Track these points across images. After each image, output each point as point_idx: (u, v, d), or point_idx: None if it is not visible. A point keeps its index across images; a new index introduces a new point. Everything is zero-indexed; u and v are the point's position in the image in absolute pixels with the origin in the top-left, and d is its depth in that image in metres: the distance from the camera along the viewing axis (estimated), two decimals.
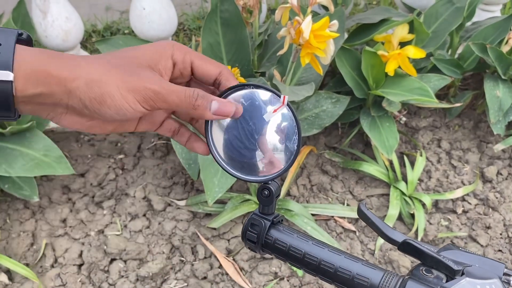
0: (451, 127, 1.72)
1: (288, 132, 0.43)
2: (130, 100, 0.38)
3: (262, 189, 0.43)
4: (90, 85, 0.37)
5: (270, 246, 0.42)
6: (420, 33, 1.44)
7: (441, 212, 1.49)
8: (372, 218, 0.45)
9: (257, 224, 0.42)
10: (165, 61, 0.42)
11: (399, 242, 0.42)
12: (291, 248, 0.41)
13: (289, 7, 1.14)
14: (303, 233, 0.42)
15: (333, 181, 1.56)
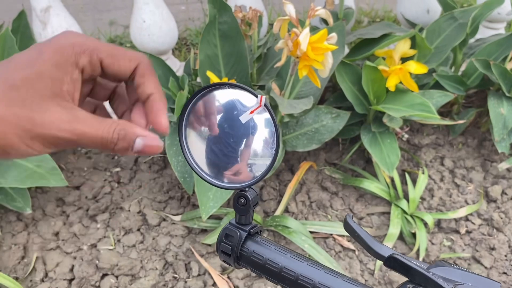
0: (455, 145, 1.69)
1: (267, 135, 0.40)
2: (36, 146, 0.33)
3: (238, 197, 0.40)
4: None
5: (245, 259, 0.39)
6: (422, 49, 1.42)
7: (444, 232, 1.45)
8: (359, 231, 0.42)
9: (232, 235, 0.39)
10: (70, 75, 0.34)
11: (385, 257, 0.39)
12: (268, 262, 0.38)
13: (288, 20, 1.13)
14: (282, 246, 0.39)
15: (333, 198, 1.53)
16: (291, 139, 1.40)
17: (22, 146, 0.33)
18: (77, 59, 0.34)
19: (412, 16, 1.69)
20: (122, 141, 0.35)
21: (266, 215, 1.47)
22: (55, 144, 0.33)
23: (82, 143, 0.34)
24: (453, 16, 1.49)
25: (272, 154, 0.39)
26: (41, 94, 0.33)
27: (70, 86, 0.35)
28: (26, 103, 0.32)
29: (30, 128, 0.32)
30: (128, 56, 0.36)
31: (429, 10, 1.68)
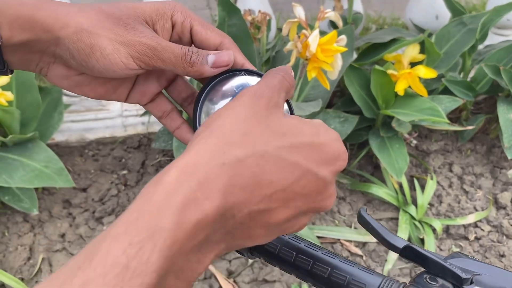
0: (463, 151, 1.67)
1: None
2: (123, 54, 0.35)
3: None
4: (80, 35, 0.35)
5: (259, 249, 0.38)
6: (431, 54, 1.42)
7: (452, 238, 1.43)
8: (373, 224, 0.42)
9: None
10: (164, 21, 0.38)
11: (401, 248, 0.38)
12: (282, 250, 0.37)
13: (297, 22, 1.13)
14: (295, 235, 0.38)
15: (341, 203, 1.52)
16: None
17: (109, 47, 0.35)
18: (173, 13, 0.38)
19: (421, 21, 1.69)
20: (197, 54, 0.37)
21: None
22: (140, 54, 0.35)
23: (165, 56, 0.36)
24: (463, 21, 1.49)
25: None
26: (135, 17, 0.37)
27: (160, 30, 0.38)
28: (120, 20, 0.36)
29: (121, 33, 0.35)
30: (216, 30, 0.39)
31: (438, 16, 1.68)
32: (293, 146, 0.31)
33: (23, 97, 1.32)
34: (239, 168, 0.29)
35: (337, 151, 0.33)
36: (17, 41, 0.35)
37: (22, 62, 0.37)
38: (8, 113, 1.23)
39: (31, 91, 1.31)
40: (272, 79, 0.34)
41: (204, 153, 0.28)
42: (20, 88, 1.32)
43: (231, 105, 0.32)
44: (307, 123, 0.33)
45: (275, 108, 0.32)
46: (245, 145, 0.29)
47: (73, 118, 1.67)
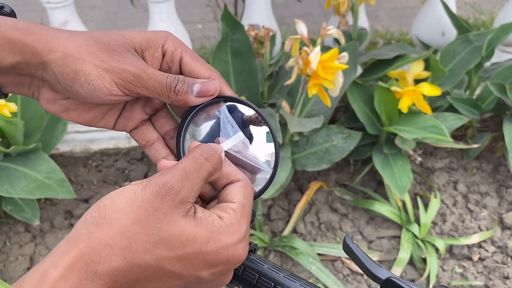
0: (469, 170, 1.65)
1: (264, 151, 0.39)
2: (107, 80, 0.35)
3: None
4: (65, 60, 0.35)
5: (237, 278, 0.38)
6: (436, 71, 1.40)
7: (456, 258, 1.41)
8: (357, 253, 0.41)
9: None
10: (154, 50, 0.39)
11: (383, 279, 0.37)
12: (260, 280, 0.36)
13: (299, 38, 1.13)
14: (276, 264, 0.38)
15: (343, 220, 1.50)
16: (300, 158, 1.39)
17: (93, 73, 0.35)
18: (165, 42, 0.38)
19: (427, 38, 1.68)
20: (182, 83, 0.37)
21: (274, 235, 1.45)
22: (124, 81, 0.36)
23: (149, 84, 0.36)
24: (468, 39, 1.47)
25: (270, 172, 0.38)
26: (124, 44, 0.37)
27: (150, 58, 0.38)
28: (108, 47, 0.36)
29: (106, 60, 0.36)
30: (205, 64, 0.39)
31: (444, 33, 1.67)
32: (176, 257, 0.31)
33: (27, 108, 1.33)
34: (113, 277, 0.30)
35: (224, 258, 0.33)
36: (7, 64, 0.36)
37: (14, 85, 0.38)
38: (12, 124, 1.25)
39: (35, 102, 1.32)
40: (191, 166, 0.33)
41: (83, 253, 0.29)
42: (24, 99, 1.33)
43: (131, 195, 0.31)
44: (203, 229, 0.32)
45: (178, 208, 0.32)
46: (124, 253, 0.30)
47: (77, 129, 1.68)
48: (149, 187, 0.32)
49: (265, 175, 0.39)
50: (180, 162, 0.34)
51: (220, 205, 0.35)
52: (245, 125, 0.40)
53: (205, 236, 0.32)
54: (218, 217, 0.33)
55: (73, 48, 0.36)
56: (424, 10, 1.72)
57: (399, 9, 2.86)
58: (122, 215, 0.31)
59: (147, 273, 0.31)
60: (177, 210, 0.32)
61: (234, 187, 0.36)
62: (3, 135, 1.28)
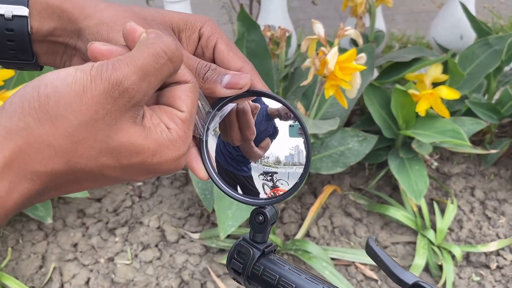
0: (486, 176, 1.62)
1: (295, 149, 0.38)
2: None
3: (256, 214, 0.38)
4: (99, 28, 0.35)
5: (256, 278, 0.36)
6: (455, 74, 1.38)
7: (473, 266, 1.38)
8: (381, 256, 0.39)
9: (244, 252, 0.37)
10: (190, 31, 0.37)
11: (409, 284, 0.35)
12: (281, 281, 0.35)
13: (316, 39, 1.11)
14: (297, 266, 0.36)
15: (357, 224, 1.48)
16: (315, 161, 1.37)
17: None
18: (202, 26, 0.37)
19: (445, 41, 1.66)
20: (213, 71, 0.35)
21: (286, 238, 1.43)
22: None
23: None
24: (488, 42, 1.45)
25: (300, 173, 0.37)
26: (162, 21, 0.36)
27: (185, 39, 0.37)
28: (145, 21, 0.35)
29: None
30: (240, 54, 0.38)
31: (463, 36, 1.65)
32: (120, 166, 0.30)
33: None
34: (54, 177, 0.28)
35: (165, 169, 0.32)
36: (45, 30, 0.35)
37: (49, 54, 0.38)
38: None
39: None
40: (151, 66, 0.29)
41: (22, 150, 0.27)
42: None
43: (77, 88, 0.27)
44: (151, 142, 0.30)
45: (129, 113, 0.29)
46: (69, 157, 0.28)
47: None
48: (100, 82, 0.27)
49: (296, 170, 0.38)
50: (137, 55, 0.29)
51: (167, 110, 0.32)
52: (269, 118, 0.38)
53: (153, 149, 0.30)
54: (166, 128, 0.31)
55: (109, 17, 0.35)
56: (443, 13, 1.69)
57: (416, 13, 2.83)
58: (69, 114, 0.27)
59: (87, 176, 0.29)
60: (127, 115, 0.29)
61: (182, 90, 0.32)
62: None
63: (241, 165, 0.39)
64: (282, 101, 0.38)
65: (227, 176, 0.39)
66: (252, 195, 0.40)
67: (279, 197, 0.38)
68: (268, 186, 0.41)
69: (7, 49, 0.36)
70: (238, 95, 0.38)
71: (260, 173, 0.40)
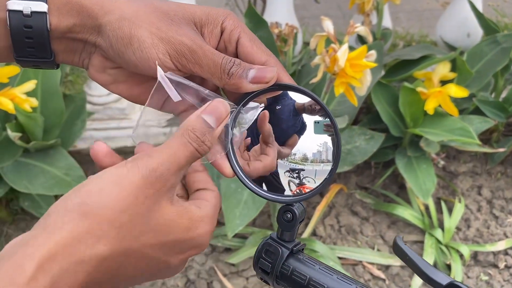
0: (493, 175, 1.61)
1: (323, 145, 0.37)
2: (161, 50, 0.34)
3: (284, 212, 0.37)
4: (121, 23, 0.34)
5: (285, 278, 0.35)
6: (463, 72, 1.37)
7: (481, 266, 1.37)
8: (411, 255, 0.38)
9: (273, 251, 0.36)
10: (213, 26, 0.36)
11: (443, 284, 0.34)
12: (311, 282, 0.34)
13: (325, 36, 1.10)
14: (328, 266, 0.35)
15: (363, 223, 1.47)
16: None
17: (148, 40, 0.34)
18: (225, 20, 0.36)
19: (452, 39, 1.65)
20: (237, 66, 0.35)
21: None
22: (179, 54, 0.34)
23: (204, 62, 0.34)
24: (496, 40, 1.43)
25: (329, 169, 0.36)
26: (183, 16, 0.35)
27: (208, 34, 0.36)
28: (166, 16, 0.35)
29: (163, 29, 0.34)
30: (264, 47, 0.37)
31: (470, 34, 1.64)
32: (160, 244, 0.32)
33: (47, 104, 1.32)
34: (98, 265, 0.29)
35: (197, 245, 0.34)
36: (64, 27, 0.34)
37: (67, 51, 0.37)
38: (32, 119, 1.23)
39: (56, 98, 1.31)
40: (180, 152, 0.32)
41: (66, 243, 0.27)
42: (45, 95, 1.32)
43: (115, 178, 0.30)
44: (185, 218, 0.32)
45: (166, 195, 0.31)
46: (112, 241, 0.29)
47: (95, 126, 1.66)
48: (137, 170, 0.30)
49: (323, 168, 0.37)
50: (169, 143, 0.32)
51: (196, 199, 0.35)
52: (297, 113, 0.37)
53: (187, 224, 0.32)
54: (197, 207, 0.34)
55: (130, 12, 0.34)
56: (450, 11, 1.68)
57: (419, 11, 2.82)
58: (110, 201, 0.29)
59: (129, 259, 0.30)
60: (165, 198, 0.31)
61: (209, 194, 0.36)
62: (22, 130, 1.27)
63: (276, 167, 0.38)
64: (310, 94, 0.37)
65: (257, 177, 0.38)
66: (277, 192, 0.39)
67: (308, 194, 0.37)
68: (294, 183, 0.40)
69: (25, 47, 0.35)
70: (263, 89, 0.37)
71: (287, 170, 0.39)
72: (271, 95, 0.37)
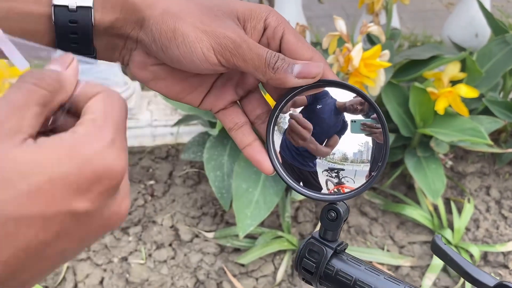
0: (501, 175, 1.61)
1: (365, 145, 0.36)
2: (205, 44, 0.33)
3: (328, 211, 0.36)
4: (165, 17, 0.33)
5: (330, 279, 0.34)
6: (473, 72, 1.37)
7: (491, 266, 1.36)
8: (452, 255, 0.38)
9: (316, 251, 0.35)
10: (256, 22, 0.36)
11: (491, 286, 0.34)
12: (358, 283, 0.33)
13: (338, 35, 1.10)
14: (373, 266, 0.35)
15: (372, 224, 1.46)
16: None
17: (192, 34, 0.33)
18: (268, 16, 0.36)
19: (459, 39, 1.64)
20: (282, 61, 0.34)
21: (302, 237, 1.42)
22: (223, 48, 0.33)
23: (248, 56, 0.34)
24: (505, 40, 1.43)
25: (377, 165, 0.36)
26: (226, 11, 0.35)
27: (251, 30, 0.36)
28: (210, 10, 0.34)
29: (207, 23, 0.34)
30: (307, 44, 0.36)
31: (478, 34, 1.63)
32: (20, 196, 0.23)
33: None
34: None
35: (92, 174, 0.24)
36: (107, 22, 0.34)
37: (108, 48, 0.36)
38: None
39: None
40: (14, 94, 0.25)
41: None
42: None
43: None
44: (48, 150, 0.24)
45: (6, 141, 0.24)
46: None
47: None
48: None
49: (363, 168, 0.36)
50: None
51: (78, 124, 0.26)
52: (338, 112, 0.37)
53: (54, 155, 0.24)
54: (70, 132, 0.25)
55: (174, 6, 0.34)
56: (457, 11, 1.68)
57: (423, 12, 2.82)
58: None
59: None
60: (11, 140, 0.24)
61: (92, 101, 0.27)
62: None
63: (307, 160, 0.37)
64: (357, 90, 0.36)
65: (291, 171, 0.38)
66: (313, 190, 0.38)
67: (353, 192, 0.36)
68: (332, 182, 0.39)
69: (69, 43, 0.34)
70: (308, 86, 0.36)
71: (325, 169, 0.38)
72: (314, 91, 0.37)
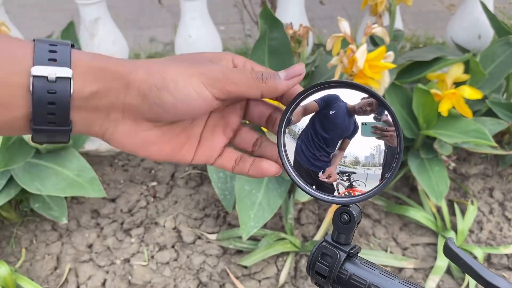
0: (505, 177, 1.60)
1: (377, 148, 0.36)
2: (195, 83, 0.35)
3: (341, 213, 0.36)
4: (151, 73, 0.35)
5: (343, 282, 0.34)
6: (476, 74, 1.36)
7: (495, 268, 1.36)
8: (465, 258, 0.37)
9: (329, 255, 0.35)
10: (226, 62, 0.39)
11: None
12: (372, 287, 0.33)
13: (342, 37, 1.09)
14: (388, 270, 0.34)
15: (375, 225, 1.46)
16: None
17: (181, 79, 0.35)
18: (234, 58, 0.40)
19: (462, 41, 1.64)
20: (267, 73, 0.37)
21: (305, 239, 1.41)
22: (212, 80, 0.35)
23: (234, 77, 0.36)
24: (509, 41, 1.43)
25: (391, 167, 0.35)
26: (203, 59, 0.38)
27: None
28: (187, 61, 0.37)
29: (190, 68, 0.36)
30: None
31: (481, 35, 1.63)
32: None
33: None
34: None
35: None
36: (87, 93, 0.33)
37: (85, 122, 0.35)
38: None
39: None
40: None
41: None
42: None
43: None
44: None
45: None
46: None
47: None
48: None
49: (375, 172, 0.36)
50: None
51: None
52: (350, 115, 0.36)
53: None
54: None
55: (155, 64, 0.36)
56: (460, 13, 1.68)
57: (424, 14, 2.81)
58: None
59: None
60: None
61: None
62: None
63: (324, 165, 0.37)
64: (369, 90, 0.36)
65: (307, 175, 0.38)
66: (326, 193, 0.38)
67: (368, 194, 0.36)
68: (343, 186, 0.39)
69: (46, 113, 0.33)
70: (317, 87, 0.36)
71: (336, 172, 0.38)
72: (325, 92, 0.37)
